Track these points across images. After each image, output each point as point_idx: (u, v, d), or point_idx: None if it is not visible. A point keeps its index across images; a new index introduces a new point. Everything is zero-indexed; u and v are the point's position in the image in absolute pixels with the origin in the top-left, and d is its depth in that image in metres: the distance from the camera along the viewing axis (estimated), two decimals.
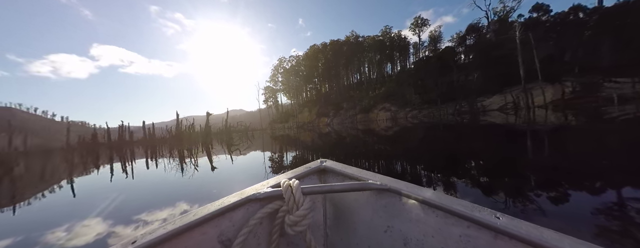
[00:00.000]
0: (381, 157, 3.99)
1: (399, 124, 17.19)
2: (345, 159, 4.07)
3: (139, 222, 1.83)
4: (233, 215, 0.67)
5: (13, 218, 2.26)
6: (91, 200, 2.71)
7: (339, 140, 8.36)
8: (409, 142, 6.11)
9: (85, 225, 1.87)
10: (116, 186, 3.37)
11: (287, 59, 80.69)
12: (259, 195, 0.69)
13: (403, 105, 38.57)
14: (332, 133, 12.43)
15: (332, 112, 61.64)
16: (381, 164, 3.35)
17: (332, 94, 69.82)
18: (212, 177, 3.46)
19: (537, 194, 1.69)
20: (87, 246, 1.49)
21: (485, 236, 0.52)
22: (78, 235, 1.68)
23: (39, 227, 1.92)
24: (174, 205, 2.20)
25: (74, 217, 2.10)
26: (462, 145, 4.72)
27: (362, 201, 0.77)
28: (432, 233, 0.60)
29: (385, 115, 41.21)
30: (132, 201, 2.53)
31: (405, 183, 0.71)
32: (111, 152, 12.65)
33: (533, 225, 0.49)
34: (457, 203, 0.57)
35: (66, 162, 8.86)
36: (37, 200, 2.88)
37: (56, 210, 2.43)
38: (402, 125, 14.36)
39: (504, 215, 0.52)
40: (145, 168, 5.11)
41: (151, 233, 0.53)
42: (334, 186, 0.71)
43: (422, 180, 2.35)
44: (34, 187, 3.96)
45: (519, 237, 0.47)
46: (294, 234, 0.66)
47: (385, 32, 66.35)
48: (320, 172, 0.94)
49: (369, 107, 47.65)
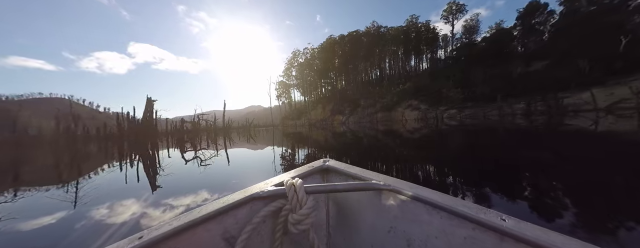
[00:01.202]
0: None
1: (430, 125, 14.13)
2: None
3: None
4: (237, 213, 0.67)
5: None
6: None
7: (353, 142, 6.99)
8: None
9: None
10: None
11: (301, 51, 75.41)
12: (263, 194, 0.69)
13: (436, 103, 31.93)
14: (347, 134, 11.02)
15: (348, 109, 55.73)
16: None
17: (349, 90, 63.75)
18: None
19: None
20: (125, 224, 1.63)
21: (491, 238, 0.51)
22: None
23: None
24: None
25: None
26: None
27: (365, 201, 0.77)
28: (436, 234, 0.60)
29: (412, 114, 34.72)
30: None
31: (409, 183, 0.70)
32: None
33: (540, 227, 0.47)
34: (461, 205, 0.56)
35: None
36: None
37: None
38: (432, 126, 11.89)
39: (510, 217, 0.51)
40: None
41: (157, 229, 0.54)
42: (337, 185, 0.71)
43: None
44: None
45: (526, 239, 0.46)
46: (297, 233, 0.66)
47: (411, 21, 59.11)
48: (324, 172, 0.94)
49: (391, 105, 41.24)
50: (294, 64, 77.18)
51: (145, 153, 7.13)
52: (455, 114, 26.94)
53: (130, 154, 7.00)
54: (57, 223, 1.81)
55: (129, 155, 6.61)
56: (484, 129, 8.46)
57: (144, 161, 5.18)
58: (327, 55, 65.71)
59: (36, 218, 1.90)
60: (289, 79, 78.78)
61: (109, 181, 3.22)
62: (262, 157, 4.99)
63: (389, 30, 61.57)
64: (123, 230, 1.63)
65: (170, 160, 4.97)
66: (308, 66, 72.35)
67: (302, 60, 74.93)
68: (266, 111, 75.56)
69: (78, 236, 1.58)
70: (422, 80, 40.39)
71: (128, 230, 1.63)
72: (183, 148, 7.73)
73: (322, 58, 67.42)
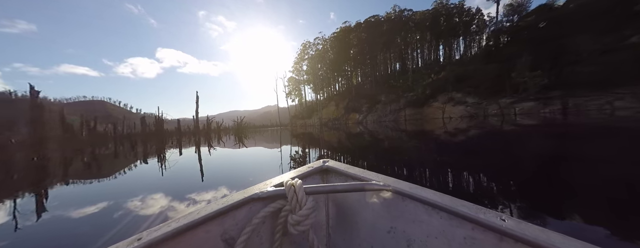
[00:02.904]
0: None
1: (486, 124, 10.19)
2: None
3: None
4: (236, 214, 0.66)
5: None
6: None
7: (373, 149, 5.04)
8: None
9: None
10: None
11: (312, 42, 68.01)
12: (262, 194, 0.69)
13: (492, 94, 23.24)
14: (364, 135, 9.01)
15: (365, 106, 47.78)
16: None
17: (366, 85, 55.65)
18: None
19: None
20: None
21: (490, 238, 0.51)
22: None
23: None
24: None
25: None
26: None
27: (365, 201, 0.76)
28: (436, 234, 0.60)
29: (455, 110, 26.13)
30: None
31: (409, 183, 0.70)
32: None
33: (539, 228, 0.47)
34: (461, 205, 0.56)
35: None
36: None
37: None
38: (492, 125, 8.98)
39: (510, 217, 0.51)
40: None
41: (156, 231, 0.54)
42: (336, 186, 0.71)
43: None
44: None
45: (525, 240, 0.46)
46: (297, 233, 0.66)
47: (440, 3, 50.10)
48: (323, 172, 0.93)
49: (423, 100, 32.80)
50: (304, 57, 70.00)
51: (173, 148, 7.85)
52: (535, 107, 18.21)
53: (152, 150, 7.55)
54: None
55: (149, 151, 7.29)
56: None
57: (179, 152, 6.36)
58: (342, 45, 57.81)
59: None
60: (299, 74, 71.64)
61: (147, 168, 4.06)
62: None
63: (414, 15, 52.87)
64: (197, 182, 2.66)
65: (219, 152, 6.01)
66: (320, 59, 64.88)
67: (313, 52, 67.60)
68: (282, 110, 69.38)
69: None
70: (464, 66, 31.64)
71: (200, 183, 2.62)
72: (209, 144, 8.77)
73: (336, 49, 59.65)
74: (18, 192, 2.66)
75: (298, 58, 71.24)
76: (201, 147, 7.50)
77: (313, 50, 67.91)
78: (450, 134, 7.11)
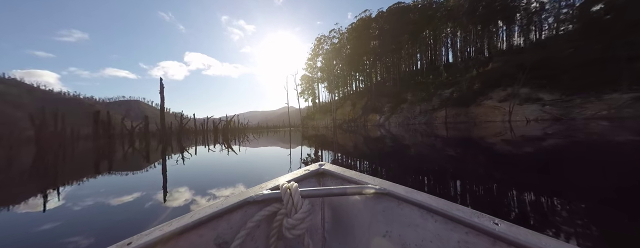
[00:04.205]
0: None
1: (593, 133, 6.32)
2: None
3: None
4: (231, 218, 0.65)
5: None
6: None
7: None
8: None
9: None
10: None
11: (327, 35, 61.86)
12: (258, 198, 0.68)
13: (586, 88, 15.55)
14: (385, 139, 7.43)
15: (387, 106, 40.77)
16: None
17: (388, 81, 48.51)
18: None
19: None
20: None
21: (483, 242, 0.52)
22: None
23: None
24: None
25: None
26: None
27: (361, 205, 0.76)
28: (431, 238, 0.60)
29: (526, 111, 18.59)
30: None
31: (405, 187, 0.70)
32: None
33: (532, 231, 0.48)
34: (456, 209, 0.57)
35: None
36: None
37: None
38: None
39: (503, 221, 0.52)
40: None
41: (147, 235, 0.53)
42: (332, 189, 0.70)
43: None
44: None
45: (518, 243, 0.46)
46: (292, 237, 0.66)
47: None
48: (319, 175, 0.92)
49: (468, 98, 25.23)
50: (319, 52, 64.04)
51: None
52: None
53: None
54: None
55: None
56: None
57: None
58: (360, 38, 51.04)
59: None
60: (313, 71, 65.74)
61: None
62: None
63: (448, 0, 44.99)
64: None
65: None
66: (336, 54, 58.57)
67: (328, 47, 61.44)
68: (296, 111, 65.08)
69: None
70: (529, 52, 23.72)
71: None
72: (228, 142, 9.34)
73: (354, 43, 53.01)
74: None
75: (312, 54, 65.37)
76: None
77: (328, 44, 61.76)
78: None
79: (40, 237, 1.30)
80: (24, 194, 2.24)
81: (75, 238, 1.23)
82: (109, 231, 1.37)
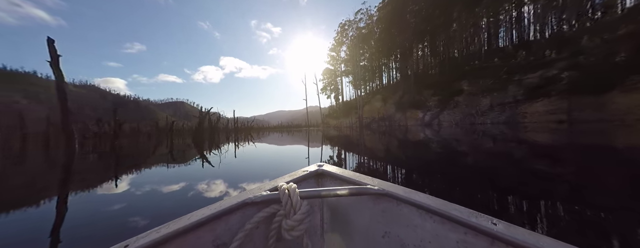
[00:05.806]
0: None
1: None
2: None
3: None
4: (229, 219, 0.65)
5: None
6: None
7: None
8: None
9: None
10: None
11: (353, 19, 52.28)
12: (256, 199, 0.67)
13: None
14: (453, 147, 4.75)
15: (433, 100, 30.25)
16: None
17: (433, 70, 37.55)
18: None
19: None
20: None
21: (482, 242, 0.52)
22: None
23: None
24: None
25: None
26: None
27: (360, 206, 0.76)
28: (430, 238, 0.60)
29: None
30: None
31: (403, 188, 0.70)
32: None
33: (530, 231, 0.48)
34: (454, 209, 0.57)
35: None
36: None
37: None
38: None
39: (501, 221, 0.52)
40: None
41: (144, 237, 0.52)
42: (331, 190, 0.70)
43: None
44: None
45: (516, 243, 0.46)
46: (291, 239, 0.66)
47: None
48: (318, 176, 0.92)
49: (603, 78, 13.98)
50: (343, 41, 54.80)
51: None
52: None
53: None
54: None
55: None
56: None
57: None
58: (395, 14, 40.54)
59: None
60: (336, 63, 56.67)
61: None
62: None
63: None
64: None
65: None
66: (363, 40, 48.81)
67: (354, 33, 51.91)
68: (316, 109, 58.66)
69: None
70: None
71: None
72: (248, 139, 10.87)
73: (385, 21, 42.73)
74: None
75: (335, 43, 56.25)
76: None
77: (354, 29, 52.19)
78: None
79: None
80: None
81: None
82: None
